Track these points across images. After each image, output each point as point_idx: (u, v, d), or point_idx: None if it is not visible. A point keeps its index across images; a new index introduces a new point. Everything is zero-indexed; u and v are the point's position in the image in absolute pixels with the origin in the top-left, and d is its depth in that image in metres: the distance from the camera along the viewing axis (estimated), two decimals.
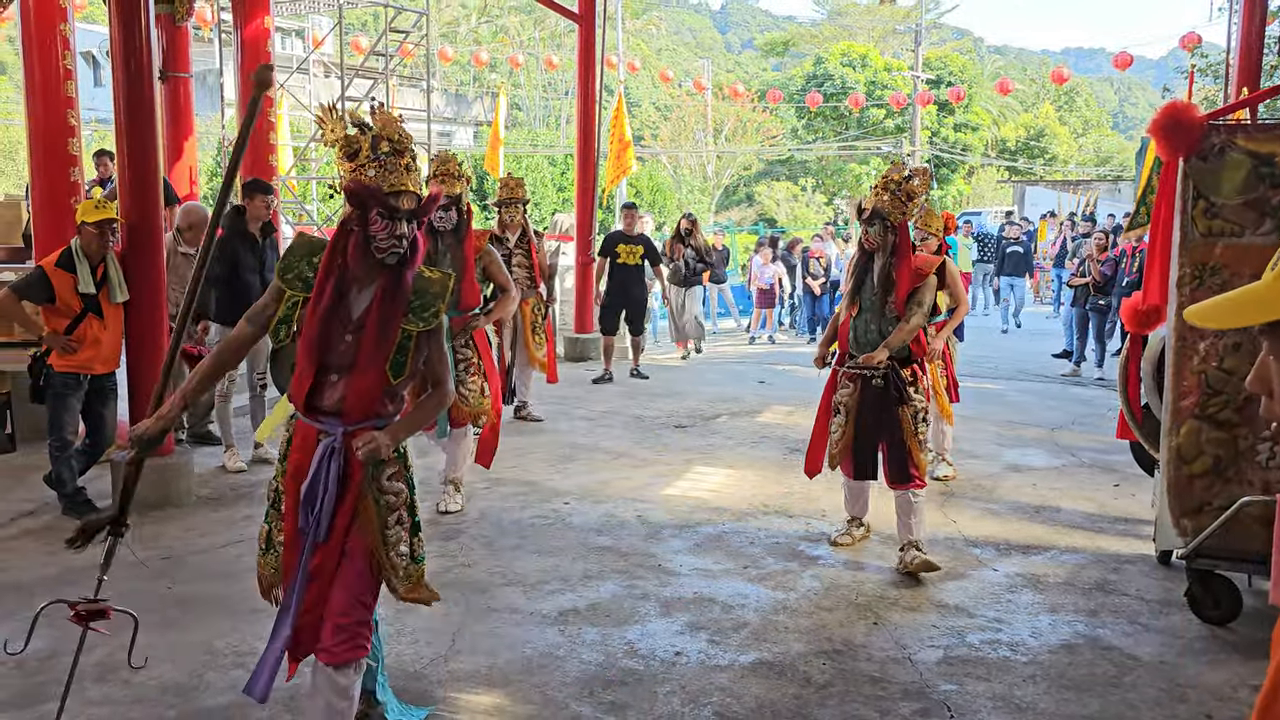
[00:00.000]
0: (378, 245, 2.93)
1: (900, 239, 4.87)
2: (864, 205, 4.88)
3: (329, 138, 3.05)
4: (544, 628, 4.29)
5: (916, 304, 4.85)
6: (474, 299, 5.73)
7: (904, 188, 4.81)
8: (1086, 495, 6.41)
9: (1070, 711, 3.64)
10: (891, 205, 4.79)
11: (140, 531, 5.42)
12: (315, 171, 14.07)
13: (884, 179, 4.83)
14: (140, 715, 3.51)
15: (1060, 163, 44.24)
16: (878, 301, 4.91)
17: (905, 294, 4.86)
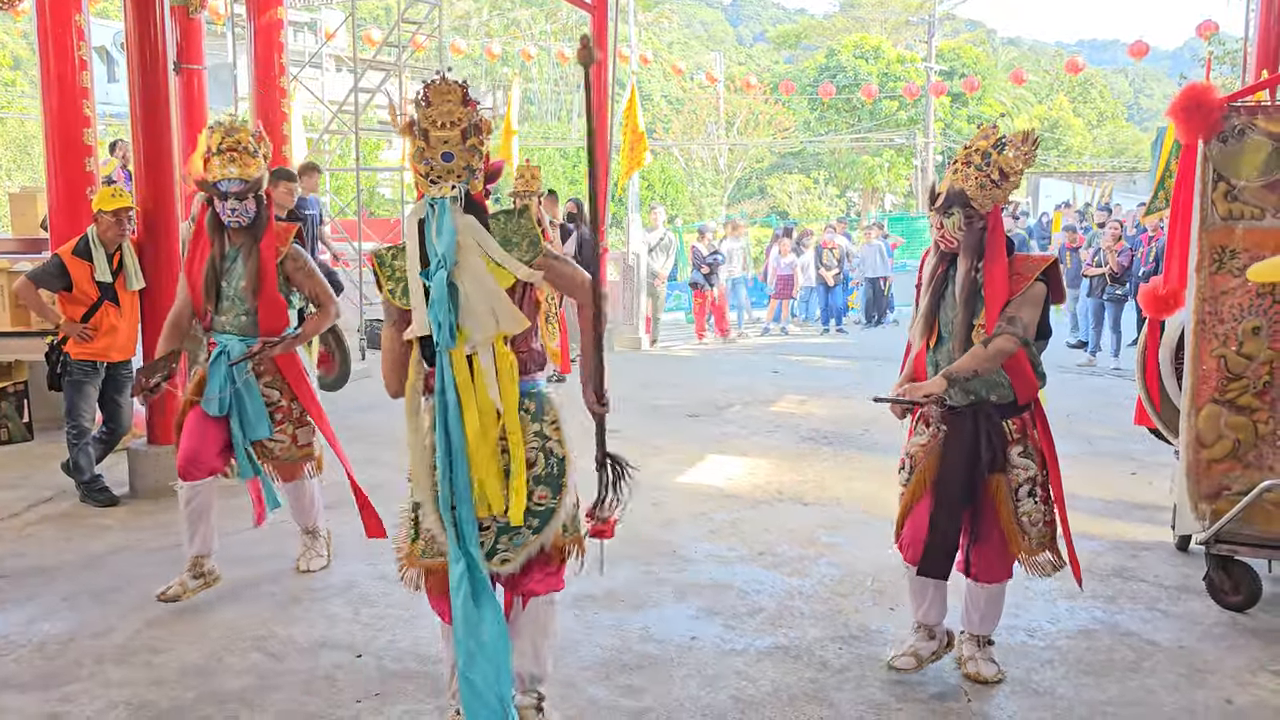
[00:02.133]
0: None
1: (992, 233, 3.44)
2: (939, 188, 3.52)
3: None
4: (560, 612, 4.28)
5: (1007, 320, 3.35)
6: (278, 319, 4.39)
7: (995, 161, 3.40)
8: (1103, 483, 6.38)
9: (1089, 697, 3.62)
10: (978, 185, 3.41)
11: (157, 518, 5.46)
12: (328, 164, 14.10)
13: (967, 149, 3.48)
14: (159, 696, 3.52)
15: (1075, 154, 44.00)
16: (961, 323, 3.46)
17: (1000, 310, 3.40)
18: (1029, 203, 29.32)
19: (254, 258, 4.28)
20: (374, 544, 5.07)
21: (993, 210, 3.45)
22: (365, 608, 4.32)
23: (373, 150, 22.61)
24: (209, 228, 4.27)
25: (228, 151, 4.14)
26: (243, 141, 4.22)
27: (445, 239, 2.84)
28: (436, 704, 3.50)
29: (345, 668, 3.76)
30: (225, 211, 4.20)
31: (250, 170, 4.21)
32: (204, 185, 4.18)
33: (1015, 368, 3.42)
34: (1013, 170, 3.43)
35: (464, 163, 2.90)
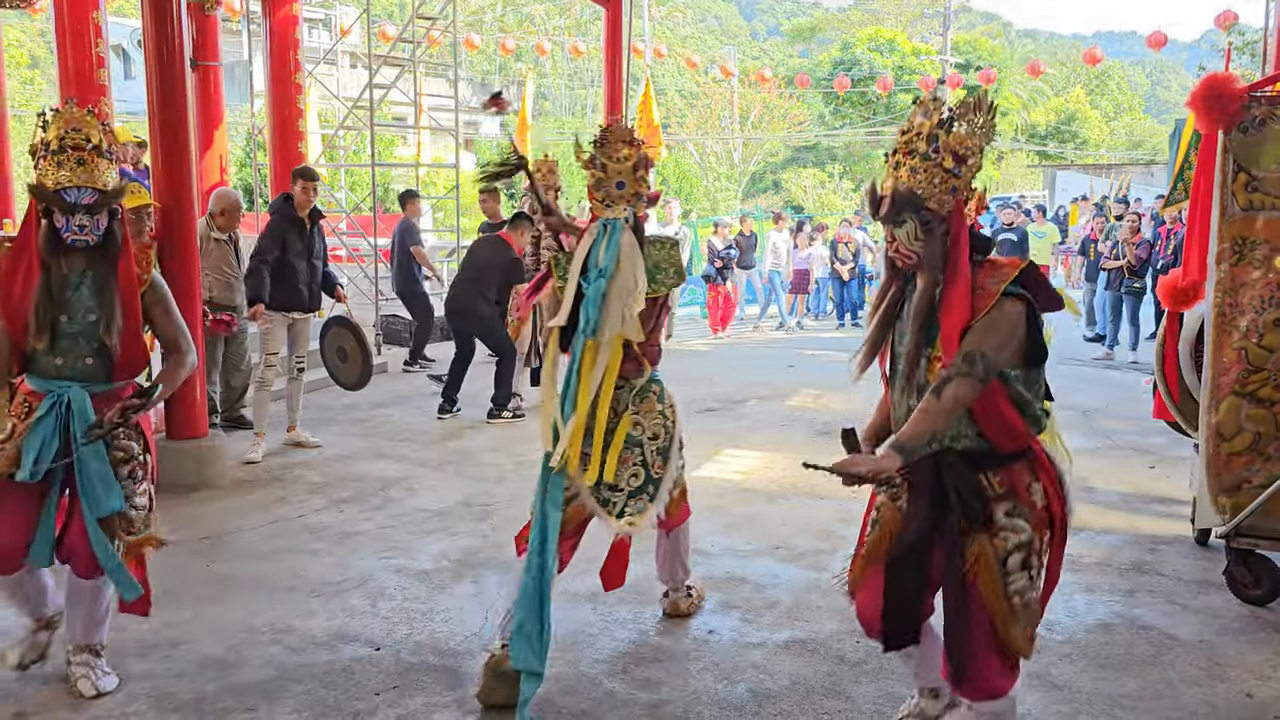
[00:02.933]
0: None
1: (955, 239, 2.64)
2: (880, 190, 2.72)
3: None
4: (576, 605, 4.30)
5: (964, 357, 2.54)
6: (137, 363, 3.54)
7: (945, 144, 2.61)
8: (1122, 477, 6.35)
9: (1108, 690, 3.61)
10: (930, 179, 2.60)
11: (178, 513, 5.50)
12: (344, 160, 14.14)
13: (906, 134, 2.68)
14: (180, 689, 3.55)
15: (1091, 147, 43.71)
16: (911, 357, 2.72)
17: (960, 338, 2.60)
18: (1045, 195, 29.16)
19: (110, 287, 3.37)
20: (390, 539, 5.12)
21: (954, 207, 2.62)
22: (383, 601, 4.34)
23: (388, 146, 22.66)
24: (42, 246, 3.31)
25: (72, 151, 3.24)
26: (91, 138, 3.29)
27: (610, 255, 3.48)
28: (455, 696, 3.52)
29: (363, 660, 3.78)
30: (70, 228, 3.27)
31: (103, 176, 3.29)
32: (40, 193, 3.25)
33: (986, 412, 2.62)
34: (970, 150, 2.61)
35: (633, 190, 3.57)
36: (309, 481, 6.13)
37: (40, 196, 3.27)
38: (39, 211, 3.32)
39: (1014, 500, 2.69)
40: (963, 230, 2.65)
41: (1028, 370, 2.68)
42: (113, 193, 3.32)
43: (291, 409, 6.95)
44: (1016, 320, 2.59)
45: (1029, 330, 2.62)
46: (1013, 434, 2.69)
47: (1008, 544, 2.68)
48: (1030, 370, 2.68)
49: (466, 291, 7.77)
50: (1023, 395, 2.67)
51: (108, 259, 3.37)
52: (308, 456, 6.69)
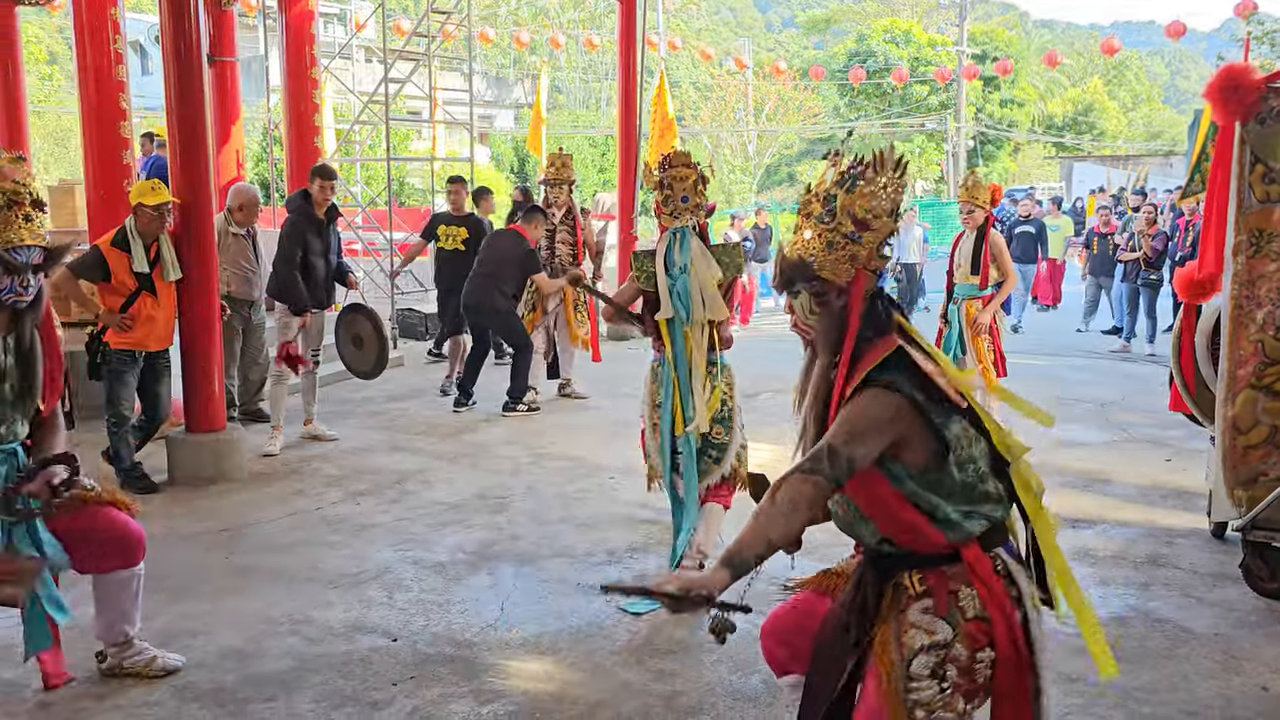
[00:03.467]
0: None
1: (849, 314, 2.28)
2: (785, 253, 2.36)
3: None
4: (591, 598, 4.32)
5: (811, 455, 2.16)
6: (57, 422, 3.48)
7: (844, 206, 2.26)
8: (1138, 470, 6.32)
9: (1121, 683, 3.60)
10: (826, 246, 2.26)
11: (196, 505, 5.55)
12: (359, 154, 14.20)
13: (808, 194, 2.35)
14: (200, 679, 3.60)
15: (1109, 138, 43.42)
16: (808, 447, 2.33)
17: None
18: (1061, 187, 29.01)
19: (34, 346, 3.21)
20: (406, 531, 5.15)
21: (855, 279, 2.25)
22: (400, 593, 4.37)
23: (403, 140, 22.72)
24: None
25: (19, 206, 3.07)
26: (32, 191, 3.11)
27: (685, 255, 4.34)
28: (470, 686, 3.55)
29: (381, 651, 3.82)
30: (14, 289, 3.08)
31: (42, 229, 3.14)
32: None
33: (881, 514, 2.25)
34: (874, 214, 2.25)
35: (694, 203, 4.39)
36: (326, 474, 6.17)
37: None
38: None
39: (932, 599, 2.23)
40: (856, 306, 2.26)
41: (930, 471, 2.19)
42: (55, 250, 3.20)
43: (308, 402, 7.00)
44: (877, 411, 2.16)
45: (923, 423, 2.17)
46: (922, 539, 2.23)
47: (916, 643, 2.21)
48: (935, 472, 2.20)
49: (483, 286, 7.79)
50: (924, 498, 2.20)
51: (33, 314, 3.20)
52: (324, 450, 6.74)
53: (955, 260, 6.78)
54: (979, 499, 2.24)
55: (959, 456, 2.21)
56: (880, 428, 2.17)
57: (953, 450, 2.20)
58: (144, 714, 3.36)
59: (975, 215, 6.61)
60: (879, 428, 2.17)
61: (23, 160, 3.17)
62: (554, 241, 8.17)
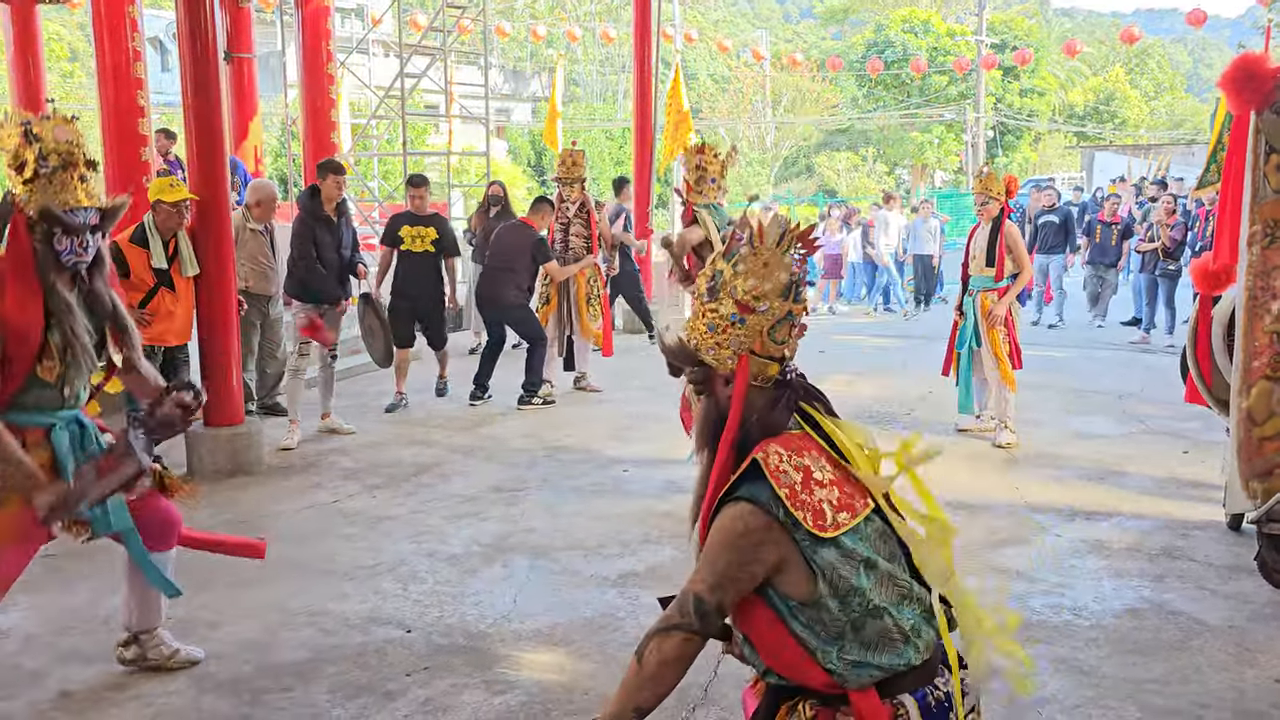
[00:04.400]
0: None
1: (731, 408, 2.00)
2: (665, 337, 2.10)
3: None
4: (604, 590, 4.36)
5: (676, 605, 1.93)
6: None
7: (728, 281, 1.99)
8: (1154, 462, 6.29)
9: (1135, 675, 3.60)
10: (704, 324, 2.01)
11: (215, 498, 5.61)
12: (376, 149, 14.25)
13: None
14: (219, 669, 3.65)
15: (1131, 127, 43.01)
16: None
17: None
18: (1083, 177, 28.78)
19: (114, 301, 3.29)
20: (421, 524, 5.20)
21: (738, 368, 1.98)
22: (414, 584, 4.41)
23: (419, 135, 22.78)
24: (40, 267, 3.09)
25: (74, 167, 3.07)
26: (81, 147, 3.11)
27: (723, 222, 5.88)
28: (483, 677, 3.58)
29: (395, 642, 3.86)
30: (74, 250, 3.10)
31: (98, 191, 3.18)
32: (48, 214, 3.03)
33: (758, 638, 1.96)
34: (755, 294, 1.95)
35: (719, 185, 6.04)
36: (343, 468, 6.23)
37: (51, 219, 3.04)
38: (32, 233, 3.07)
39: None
40: (737, 398, 1.98)
41: (807, 606, 1.88)
42: (110, 210, 3.19)
43: (325, 397, 7.06)
44: (740, 535, 1.87)
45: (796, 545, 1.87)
46: (805, 674, 1.92)
47: None
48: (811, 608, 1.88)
49: (496, 280, 7.83)
50: (806, 639, 1.89)
51: (98, 273, 3.23)
52: (342, 443, 6.80)
53: (970, 252, 6.76)
54: (875, 643, 1.88)
55: (836, 588, 1.86)
56: (746, 556, 1.87)
57: (825, 579, 1.86)
58: (162, 704, 3.42)
59: (990, 207, 6.58)
60: (745, 557, 1.87)
61: (73, 121, 3.14)
62: (568, 235, 8.20)
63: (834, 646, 1.88)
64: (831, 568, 1.86)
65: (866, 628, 1.87)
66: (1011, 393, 6.61)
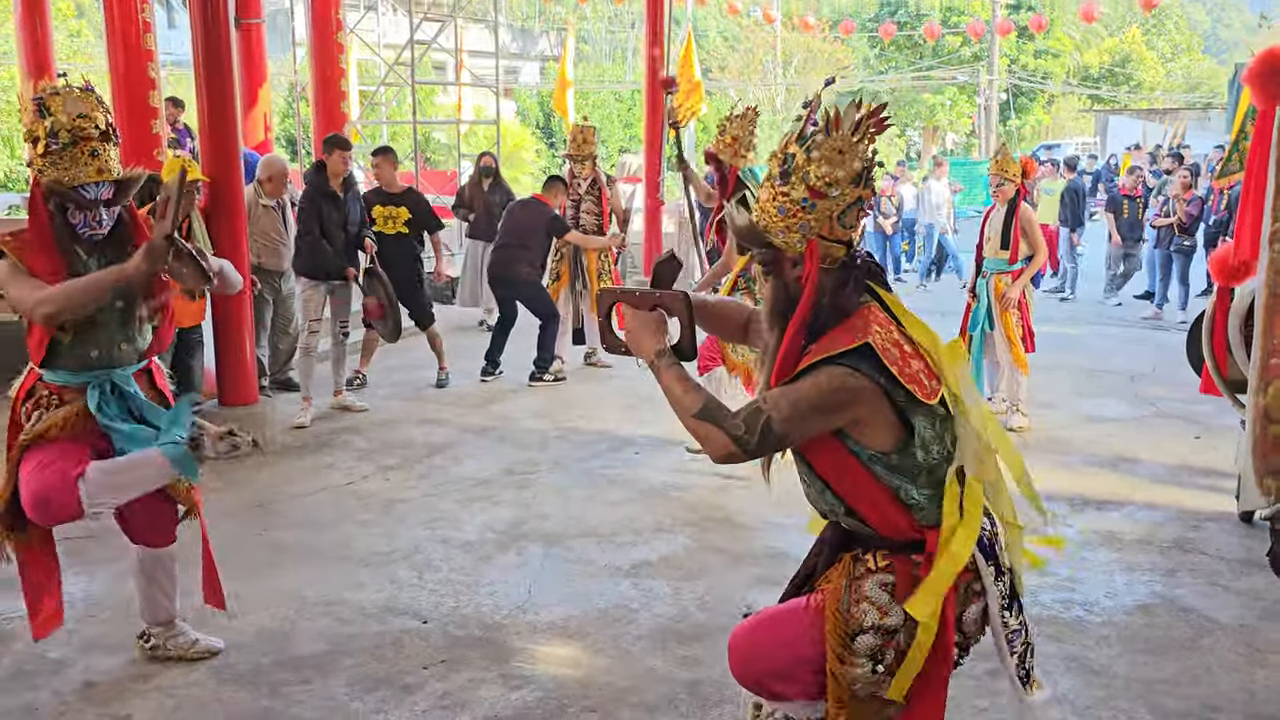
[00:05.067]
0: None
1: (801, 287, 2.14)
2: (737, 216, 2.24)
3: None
4: (617, 580, 4.39)
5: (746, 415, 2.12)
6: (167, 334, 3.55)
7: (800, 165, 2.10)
8: (1166, 448, 6.29)
9: (1145, 675, 3.63)
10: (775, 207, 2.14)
11: (230, 478, 5.65)
12: (384, 116, 14.15)
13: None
14: (238, 659, 3.69)
15: (1146, 89, 42.44)
16: None
17: None
18: (1097, 143, 28.49)
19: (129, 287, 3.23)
20: (434, 509, 5.23)
21: (808, 251, 2.09)
22: (429, 573, 4.45)
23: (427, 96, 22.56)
24: (58, 240, 3.16)
25: (84, 143, 3.06)
26: (99, 124, 3.09)
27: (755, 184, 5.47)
28: (500, 671, 3.62)
29: (411, 633, 3.90)
30: (88, 224, 3.15)
31: (114, 164, 3.15)
32: (60, 192, 3.09)
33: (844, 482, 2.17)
34: (828, 180, 2.05)
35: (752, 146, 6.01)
36: (356, 447, 6.26)
37: (60, 195, 3.09)
38: (49, 205, 3.13)
39: (888, 576, 2.17)
40: (810, 280, 2.09)
41: (892, 454, 2.12)
42: (126, 181, 3.19)
43: (337, 374, 7.08)
44: (829, 392, 2.04)
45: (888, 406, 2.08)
46: (889, 521, 2.16)
47: (865, 620, 2.17)
48: (897, 455, 2.12)
49: (509, 256, 7.81)
50: (888, 478, 2.14)
51: (123, 244, 3.25)
52: (354, 421, 6.83)
53: (985, 234, 6.72)
54: (945, 484, 2.16)
55: (923, 440, 2.13)
56: (832, 408, 2.06)
57: (918, 434, 2.12)
58: (184, 695, 3.46)
59: (1005, 189, 6.53)
60: (828, 409, 2.06)
61: (90, 92, 3.11)
62: (579, 211, 8.17)
63: (912, 484, 2.13)
64: (921, 423, 2.12)
65: (938, 471, 2.15)
66: (1024, 376, 6.61)
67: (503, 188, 9.77)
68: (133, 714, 3.36)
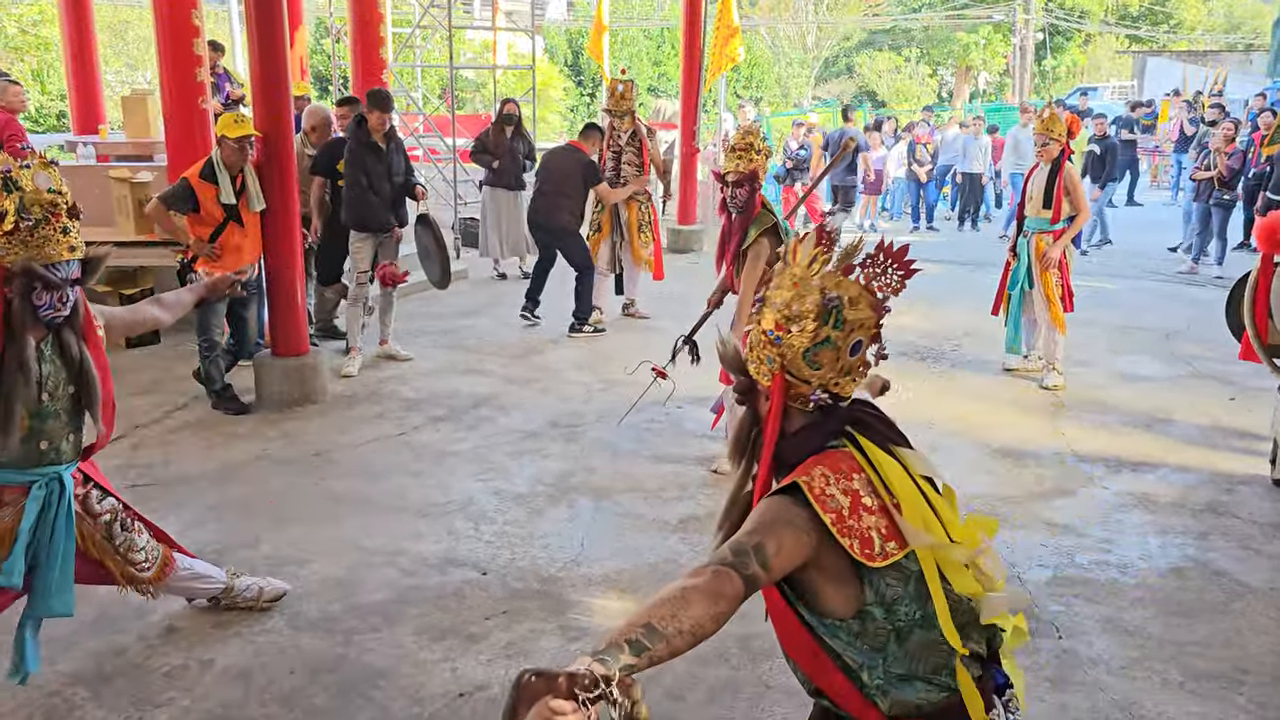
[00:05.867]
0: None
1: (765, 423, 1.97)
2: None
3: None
4: (666, 535, 4.55)
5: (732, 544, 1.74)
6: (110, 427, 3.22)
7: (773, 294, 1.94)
8: (1200, 409, 6.36)
9: (1178, 637, 3.77)
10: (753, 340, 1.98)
11: (284, 428, 5.84)
12: (419, 59, 14.10)
13: None
14: (309, 607, 3.89)
15: (1186, 29, 41.40)
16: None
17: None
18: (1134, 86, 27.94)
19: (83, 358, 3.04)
20: (485, 460, 5.39)
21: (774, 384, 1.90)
22: (485, 525, 4.63)
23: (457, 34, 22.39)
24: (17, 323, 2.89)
25: (55, 219, 2.86)
26: (66, 195, 2.90)
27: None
28: (558, 622, 3.80)
29: (472, 584, 4.08)
30: (53, 304, 2.91)
31: (80, 241, 2.95)
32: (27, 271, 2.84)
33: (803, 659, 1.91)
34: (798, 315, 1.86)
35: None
36: (404, 397, 6.42)
37: (29, 276, 2.85)
38: (8, 286, 2.86)
39: None
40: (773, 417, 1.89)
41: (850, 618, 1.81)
42: (92, 260, 3.00)
43: (384, 324, 7.22)
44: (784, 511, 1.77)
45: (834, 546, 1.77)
46: (850, 703, 1.88)
47: None
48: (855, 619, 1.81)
49: (548, 205, 7.92)
50: (847, 654, 1.84)
51: (73, 321, 3.02)
52: (400, 370, 6.98)
53: (1028, 193, 6.73)
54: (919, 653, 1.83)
55: (883, 597, 1.80)
56: (793, 522, 1.76)
57: (871, 587, 1.80)
58: (263, 642, 3.67)
59: (1050, 148, 6.52)
60: (789, 526, 1.75)
61: (54, 165, 2.94)
62: (620, 163, 8.21)
63: (878, 660, 1.82)
64: (880, 576, 1.79)
65: (912, 637, 1.82)
66: (1061, 335, 6.67)
67: (525, 136, 9.75)
68: (215, 658, 3.56)
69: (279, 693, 3.37)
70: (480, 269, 10.59)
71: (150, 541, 3.44)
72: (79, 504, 3.22)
